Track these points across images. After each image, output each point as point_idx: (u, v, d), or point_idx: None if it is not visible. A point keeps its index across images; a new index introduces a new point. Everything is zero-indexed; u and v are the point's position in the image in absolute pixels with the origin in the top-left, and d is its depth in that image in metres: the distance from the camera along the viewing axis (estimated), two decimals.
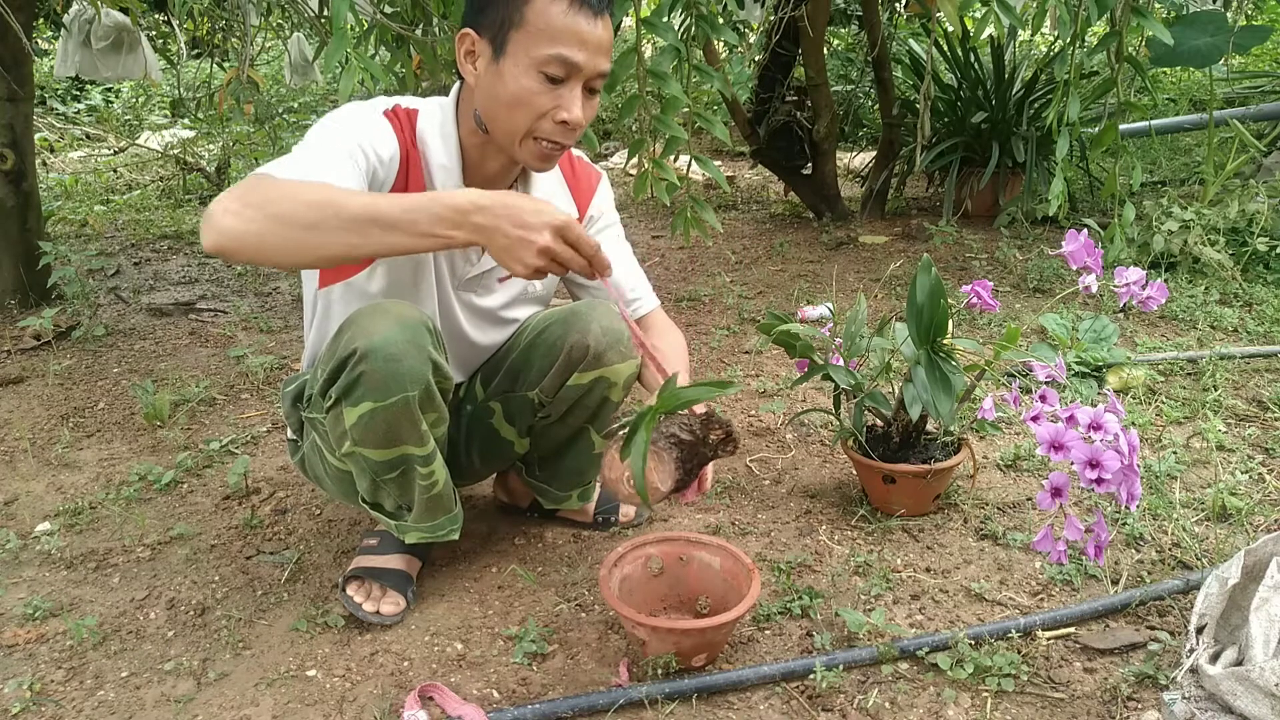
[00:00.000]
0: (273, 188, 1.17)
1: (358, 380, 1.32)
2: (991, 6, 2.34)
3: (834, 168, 4.32)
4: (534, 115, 1.32)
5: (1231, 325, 2.75)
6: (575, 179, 1.61)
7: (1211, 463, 1.98)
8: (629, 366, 1.54)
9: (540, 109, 1.32)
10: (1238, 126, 3.63)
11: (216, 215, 1.14)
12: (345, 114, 1.37)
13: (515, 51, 1.30)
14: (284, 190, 1.16)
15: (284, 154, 1.30)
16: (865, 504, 1.85)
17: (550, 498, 1.74)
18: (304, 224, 1.14)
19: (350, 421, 1.35)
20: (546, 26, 1.28)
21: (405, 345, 1.32)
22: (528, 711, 1.28)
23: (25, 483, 2.02)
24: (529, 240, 1.15)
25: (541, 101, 1.31)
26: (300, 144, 1.31)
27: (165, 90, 7.07)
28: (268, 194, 1.15)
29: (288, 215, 1.14)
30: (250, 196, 1.15)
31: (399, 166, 1.39)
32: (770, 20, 3.74)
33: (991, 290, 1.74)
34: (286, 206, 1.14)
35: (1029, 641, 1.43)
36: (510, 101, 1.32)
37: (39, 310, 2.94)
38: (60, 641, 1.49)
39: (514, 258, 1.17)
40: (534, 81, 1.30)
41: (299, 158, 1.26)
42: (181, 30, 6.24)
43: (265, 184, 1.17)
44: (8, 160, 2.99)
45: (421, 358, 1.34)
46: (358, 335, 1.31)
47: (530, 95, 1.31)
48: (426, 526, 1.51)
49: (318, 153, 1.28)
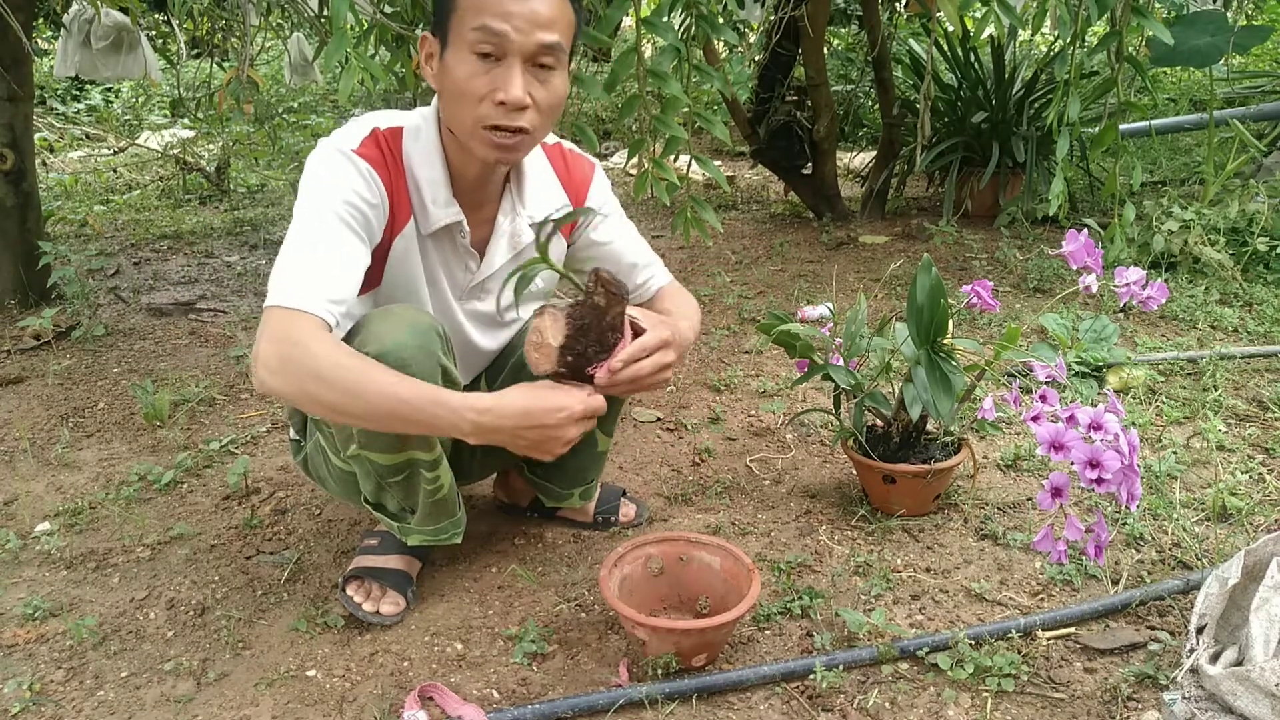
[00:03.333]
0: (306, 362, 1.22)
1: None
2: (991, 6, 2.34)
3: (834, 168, 4.31)
4: (475, 100, 1.29)
5: (1232, 325, 2.75)
6: (569, 173, 1.58)
7: (1212, 463, 1.98)
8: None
9: (478, 92, 1.29)
10: (1238, 126, 3.62)
11: (260, 372, 1.24)
12: (326, 168, 1.34)
13: (454, 39, 1.29)
14: (315, 365, 1.22)
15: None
16: (865, 504, 1.85)
17: (552, 495, 1.74)
18: (331, 407, 1.24)
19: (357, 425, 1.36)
20: (472, 2, 1.27)
21: (415, 351, 1.32)
22: (528, 711, 1.28)
23: (25, 483, 2.02)
24: (557, 438, 1.28)
25: (478, 85, 1.29)
26: (296, 225, 1.32)
27: (165, 90, 7.06)
28: (300, 366, 1.22)
29: (318, 398, 1.24)
30: (288, 363, 1.23)
31: (387, 204, 1.38)
32: (770, 20, 3.74)
33: (991, 290, 1.73)
34: (318, 389, 1.23)
35: (1029, 641, 1.43)
36: (456, 94, 1.31)
37: (39, 310, 2.94)
38: (60, 641, 1.49)
39: (543, 451, 1.30)
40: (470, 65, 1.28)
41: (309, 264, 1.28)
42: (181, 30, 6.24)
43: (299, 349, 1.22)
44: (8, 160, 2.99)
45: (431, 364, 1.34)
46: (368, 340, 1.32)
47: (468, 78, 1.29)
48: (430, 530, 1.52)
49: (323, 247, 1.30)
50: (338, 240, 1.31)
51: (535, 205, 1.51)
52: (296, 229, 1.32)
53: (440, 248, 1.47)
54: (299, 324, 1.24)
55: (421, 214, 1.42)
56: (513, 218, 1.51)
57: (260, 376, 1.24)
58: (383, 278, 1.45)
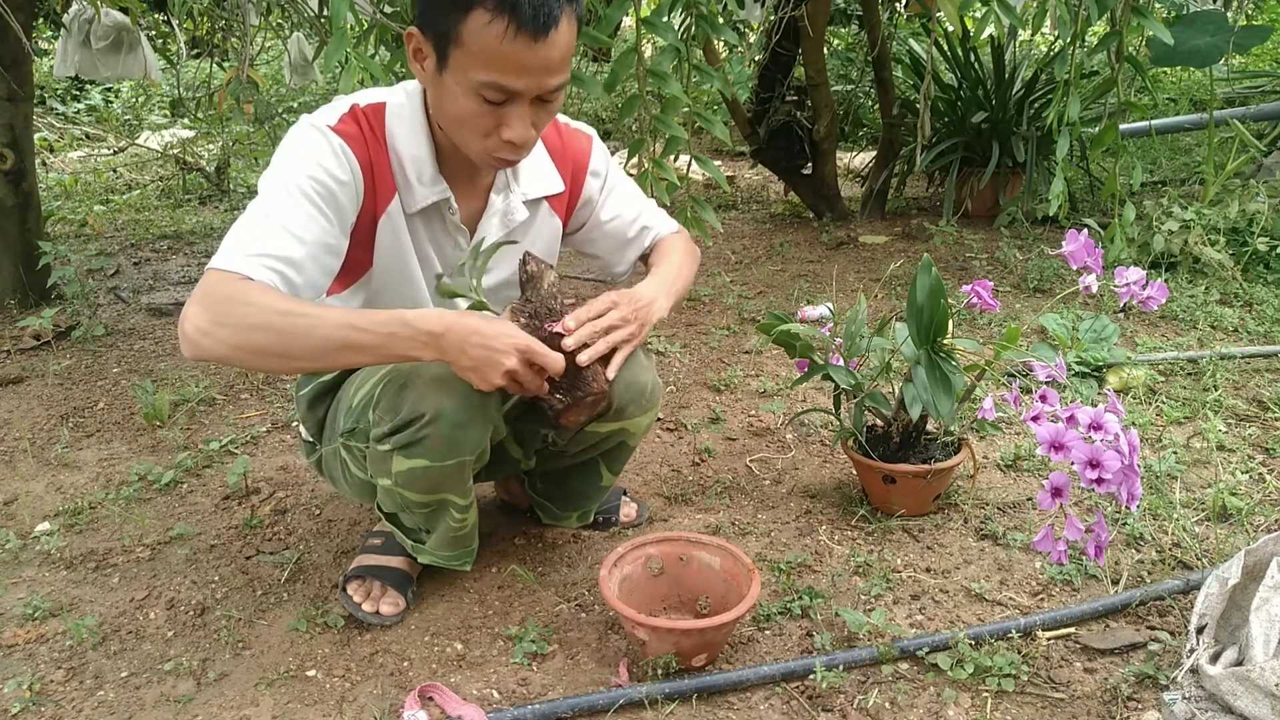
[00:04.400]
0: (243, 310, 1.17)
1: (421, 442, 1.32)
2: (991, 6, 2.34)
3: (834, 167, 4.31)
4: (478, 133, 1.28)
5: (1232, 325, 2.75)
6: (563, 147, 1.53)
7: (1212, 463, 1.98)
8: (649, 418, 1.55)
9: (484, 129, 1.27)
10: (1238, 126, 3.62)
11: (190, 332, 1.18)
12: (295, 143, 1.31)
13: (455, 68, 1.23)
14: (254, 315, 1.17)
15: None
16: (865, 504, 1.85)
17: (549, 514, 1.73)
18: (276, 352, 1.19)
19: (399, 469, 1.36)
20: (481, 51, 1.19)
21: (473, 413, 1.32)
22: (527, 711, 1.28)
23: (25, 483, 2.02)
24: (496, 362, 1.24)
25: (484, 123, 1.27)
26: (257, 197, 1.28)
27: (165, 90, 7.06)
28: (239, 317, 1.17)
29: (259, 345, 1.18)
30: (222, 317, 1.17)
31: (363, 178, 1.34)
32: (770, 20, 3.74)
33: (992, 290, 1.73)
34: (258, 337, 1.17)
35: (1029, 641, 1.43)
36: (455, 120, 1.29)
37: (39, 310, 2.94)
38: (60, 641, 1.49)
39: (480, 376, 1.25)
40: (474, 103, 1.24)
41: (259, 230, 1.24)
42: (181, 30, 6.24)
43: (235, 304, 1.17)
44: (7, 160, 2.99)
45: (486, 426, 1.35)
46: (427, 396, 1.30)
47: (472, 116, 1.26)
48: (444, 555, 1.53)
49: (276, 215, 1.25)
50: (292, 209, 1.26)
51: (529, 182, 1.49)
52: (254, 202, 1.28)
53: (429, 225, 1.43)
54: (234, 282, 1.19)
55: (406, 192, 1.38)
56: (506, 195, 1.47)
57: (191, 339, 1.18)
58: (373, 259, 1.41)
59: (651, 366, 1.54)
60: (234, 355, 1.19)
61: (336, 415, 1.49)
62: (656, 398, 1.54)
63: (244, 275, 1.20)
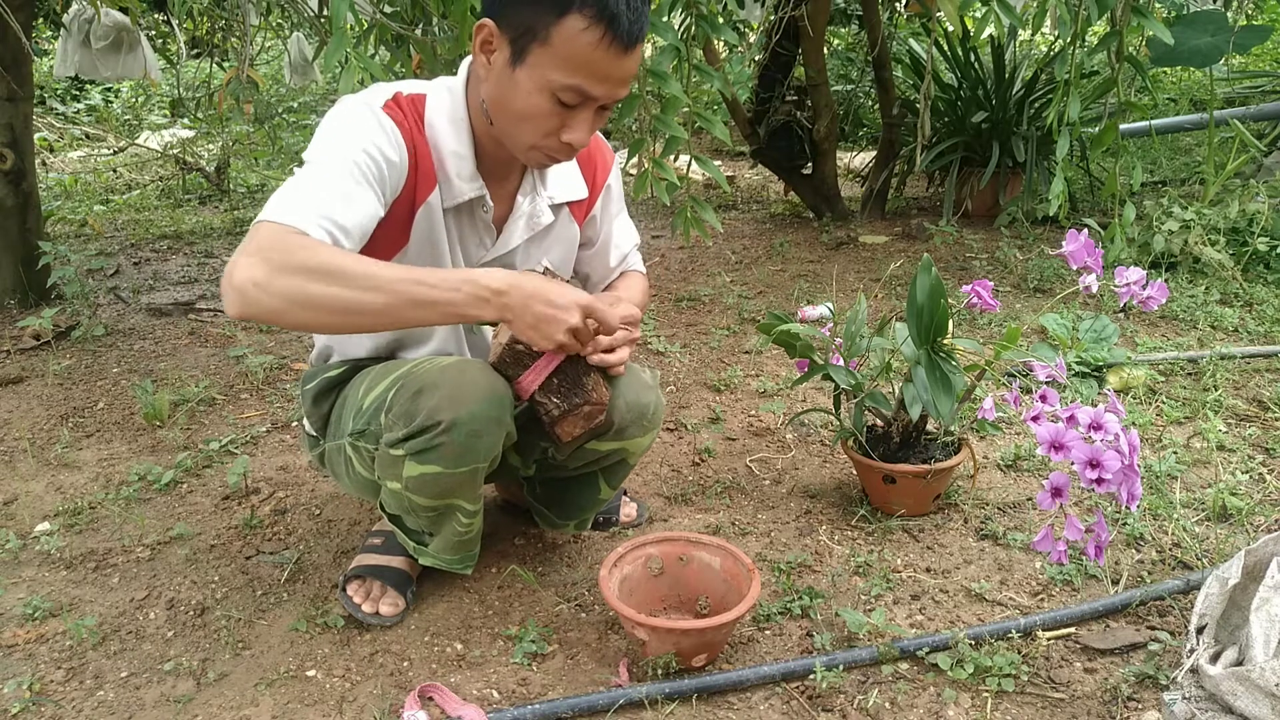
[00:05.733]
0: (306, 259, 1.13)
1: (436, 448, 1.31)
2: (991, 6, 2.34)
3: (834, 167, 4.32)
4: (540, 132, 1.29)
5: (1232, 325, 2.75)
6: (590, 156, 1.56)
7: (1212, 463, 1.98)
8: (649, 439, 1.56)
9: (547, 128, 1.29)
10: (1238, 126, 3.62)
11: (241, 283, 1.12)
12: (347, 118, 1.31)
13: (534, 65, 1.24)
14: (318, 266, 1.13)
15: (289, 161, 1.29)
16: (865, 504, 1.85)
17: (546, 521, 1.72)
18: (338, 306, 1.14)
19: (410, 474, 1.34)
20: (571, 55, 1.21)
21: (488, 422, 1.32)
22: (527, 711, 1.28)
23: (25, 483, 2.02)
24: (559, 319, 1.24)
25: (550, 122, 1.28)
26: (307, 165, 1.26)
27: (165, 90, 7.06)
28: (300, 266, 1.12)
29: (319, 299, 1.14)
30: (282, 269, 1.12)
31: (408, 163, 1.34)
32: (770, 20, 3.74)
33: (992, 290, 1.73)
34: (318, 289, 1.13)
35: (1029, 641, 1.43)
36: (518, 114, 1.29)
37: (39, 310, 2.94)
38: (60, 641, 1.49)
39: (542, 334, 1.25)
40: (546, 101, 1.26)
41: (311, 191, 1.22)
42: (181, 30, 6.24)
43: (296, 253, 1.13)
44: (7, 160, 2.99)
45: (500, 434, 1.34)
46: (444, 404, 1.29)
47: (540, 114, 1.27)
48: (446, 558, 1.52)
49: (329, 180, 1.24)
50: (344, 177, 1.24)
51: (555, 187, 1.50)
52: (303, 169, 1.26)
53: (460, 222, 1.44)
54: (291, 234, 1.16)
55: (446, 186, 1.39)
56: (533, 198, 1.48)
57: (242, 290, 1.12)
58: (410, 238, 1.40)
59: (656, 385, 1.55)
60: (287, 311, 1.14)
61: (343, 412, 1.48)
62: (659, 419, 1.55)
63: (300, 230, 1.17)
